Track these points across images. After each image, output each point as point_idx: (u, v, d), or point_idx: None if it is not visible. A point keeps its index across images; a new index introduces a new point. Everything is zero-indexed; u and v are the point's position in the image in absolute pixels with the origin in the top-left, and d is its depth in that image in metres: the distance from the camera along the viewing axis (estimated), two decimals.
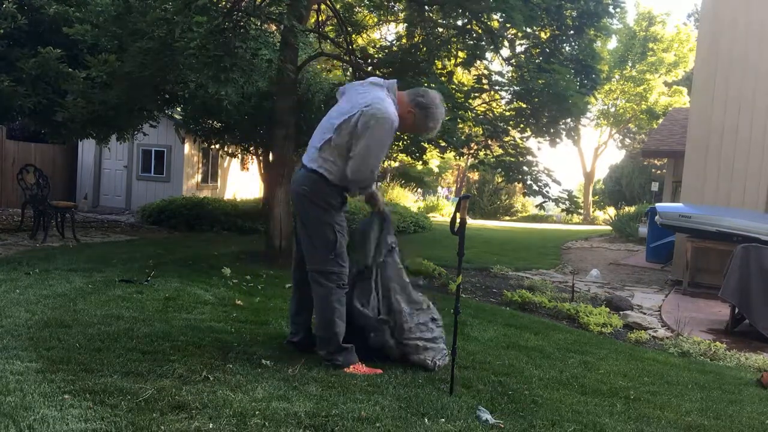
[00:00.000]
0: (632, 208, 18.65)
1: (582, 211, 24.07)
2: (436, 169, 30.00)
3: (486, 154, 8.86)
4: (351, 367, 3.38)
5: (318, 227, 3.39)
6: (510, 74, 8.94)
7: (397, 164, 24.41)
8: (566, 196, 8.49)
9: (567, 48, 8.63)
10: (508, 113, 8.88)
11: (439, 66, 8.85)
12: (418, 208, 22.30)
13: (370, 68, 8.58)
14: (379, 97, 3.35)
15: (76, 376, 2.95)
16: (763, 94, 8.11)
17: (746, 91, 8.23)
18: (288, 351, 3.68)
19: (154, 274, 5.93)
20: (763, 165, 8.10)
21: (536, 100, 7.61)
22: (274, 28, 9.24)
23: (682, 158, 9.57)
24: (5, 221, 10.80)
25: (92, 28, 7.59)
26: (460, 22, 7.98)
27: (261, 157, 12.76)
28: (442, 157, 19.43)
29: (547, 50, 8.35)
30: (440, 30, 8.17)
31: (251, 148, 12.64)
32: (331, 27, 10.50)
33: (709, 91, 8.43)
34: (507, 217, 27.63)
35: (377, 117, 3.26)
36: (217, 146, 12.71)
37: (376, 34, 16.34)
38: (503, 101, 9.24)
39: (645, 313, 6.41)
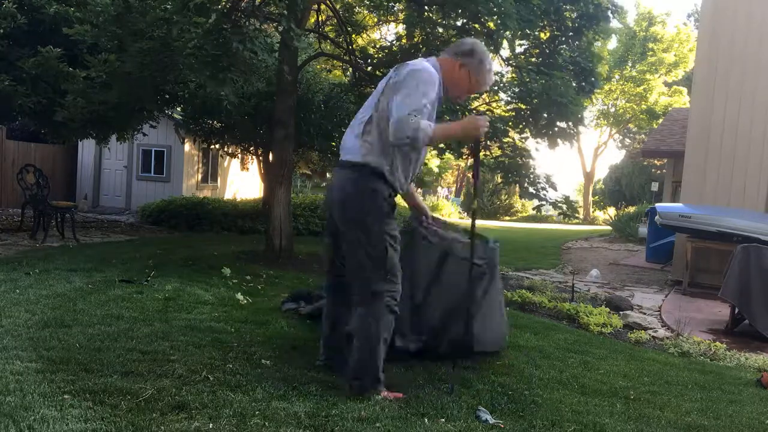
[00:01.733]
0: (632, 208, 18.65)
1: (580, 213, 24.08)
2: (436, 169, 30.01)
3: (485, 155, 8.85)
4: (382, 393, 2.97)
5: (369, 238, 2.94)
6: (510, 75, 8.94)
7: None
8: (563, 201, 8.50)
9: (566, 49, 8.63)
10: (507, 114, 8.88)
11: None
12: None
13: (370, 68, 8.58)
14: (414, 60, 3.09)
15: (76, 376, 2.95)
16: (764, 90, 8.10)
17: (747, 87, 8.21)
18: (288, 351, 3.68)
19: (154, 274, 5.93)
20: (763, 161, 8.08)
21: (535, 101, 7.61)
22: (273, 28, 9.24)
23: (682, 158, 9.56)
24: (5, 221, 10.80)
25: (92, 28, 7.59)
26: (459, 23, 7.98)
27: (261, 157, 12.76)
28: (441, 158, 19.46)
29: (547, 51, 8.35)
30: (440, 30, 8.16)
31: (251, 148, 12.64)
32: (330, 27, 10.49)
33: (710, 86, 8.41)
34: (507, 217, 27.63)
35: (411, 69, 2.94)
36: (217, 146, 12.71)
37: (376, 34, 16.33)
38: (502, 102, 9.25)
39: (645, 313, 6.40)
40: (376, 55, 9.00)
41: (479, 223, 3.49)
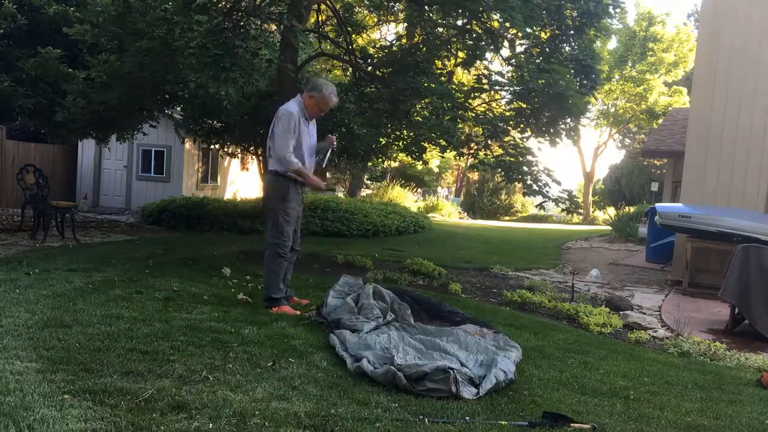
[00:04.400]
0: (632, 209, 18.65)
1: (582, 211, 24.09)
2: (435, 169, 29.99)
3: (486, 154, 8.85)
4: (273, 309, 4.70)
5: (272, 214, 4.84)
6: (510, 74, 8.93)
7: (396, 164, 24.42)
8: (566, 196, 8.48)
9: (567, 48, 8.63)
10: (508, 113, 8.87)
11: (439, 66, 8.85)
12: (418, 208, 22.31)
13: (370, 68, 8.59)
14: (284, 105, 4.85)
15: (76, 376, 2.95)
16: (764, 90, 8.09)
17: (747, 87, 8.21)
18: (288, 351, 3.68)
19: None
20: (763, 161, 8.07)
21: (536, 100, 7.60)
22: (274, 27, 9.24)
23: (682, 158, 9.55)
24: (5, 221, 10.80)
25: (92, 28, 7.59)
26: (460, 22, 7.98)
27: (261, 157, 12.77)
28: (442, 157, 19.45)
29: (547, 50, 8.35)
30: (440, 30, 8.16)
31: (251, 148, 12.65)
32: (330, 27, 10.50)
33: (710, 86, 8.40)
34: (507, 217, 27.62)
35: (278, 115, 4.77)
36: (217, 146, 12.72)
37: (376, 34, 16.35)
38: (503, 101, 9.24)
39: (645, 313, 6.40)
40: (376, 55, 9.00)
41: (480, 222, 3.51)
